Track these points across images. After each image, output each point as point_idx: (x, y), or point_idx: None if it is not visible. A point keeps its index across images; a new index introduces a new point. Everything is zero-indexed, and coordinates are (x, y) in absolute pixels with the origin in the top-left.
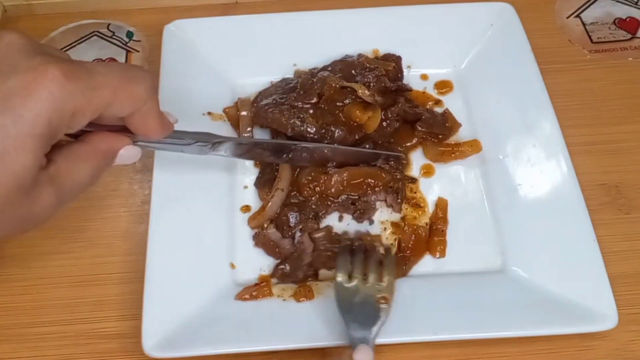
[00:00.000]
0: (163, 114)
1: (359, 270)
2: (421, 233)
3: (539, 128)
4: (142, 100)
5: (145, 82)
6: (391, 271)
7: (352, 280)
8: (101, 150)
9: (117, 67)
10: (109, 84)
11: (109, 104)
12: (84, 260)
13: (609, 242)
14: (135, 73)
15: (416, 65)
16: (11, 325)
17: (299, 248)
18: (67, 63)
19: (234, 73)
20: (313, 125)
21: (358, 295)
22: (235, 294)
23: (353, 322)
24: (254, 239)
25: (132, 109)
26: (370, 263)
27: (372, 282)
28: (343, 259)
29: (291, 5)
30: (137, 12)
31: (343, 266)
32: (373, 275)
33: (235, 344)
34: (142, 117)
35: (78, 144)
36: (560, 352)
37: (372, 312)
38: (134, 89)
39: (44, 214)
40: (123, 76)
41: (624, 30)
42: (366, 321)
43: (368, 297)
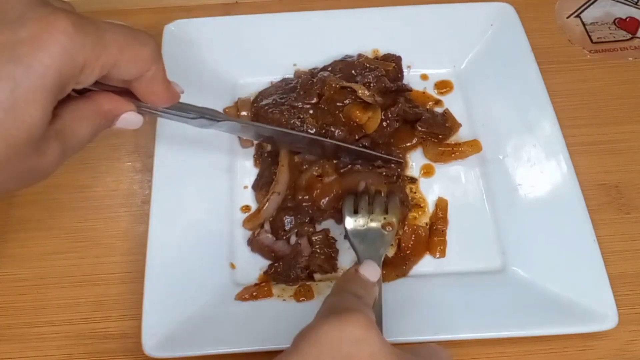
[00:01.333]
0: (169, 82)
1: (365, 207)
2: (421, 233)
3: (539, 128)
4: (148, 62)
5: (151, 45)
6: (395, 206)
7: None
8: (105, 110)
9: (124, 27)
10: (117, 42)
11: (115, 62)
12: (84, 260)
13: (609, 242)
14: (141, 35)
15: (416, 65)
16: (11, 325)
17: (295, 249)
18: (76, 15)
19: (234, 73)
20: (313, 125)
21: (365, 224)
22: (235, 294)
23: (361, 245)
24: (249, 244)
25: (138, 71)
26: (375, 200)
27: (377, 213)
28: (349, 200)
29: (291, 5)
30: (137, 12)
31: (349, 204)
32: (378, 208)
33: (235, 344)
34: (148, 81)
35: (83, 101)
36: (560, 352)
37: (378, 236)
38: (140, 50)
39: (49, 168)
40: (130, 36)
41: (624, 30)
42: (373, 244)
43: (374, 224)
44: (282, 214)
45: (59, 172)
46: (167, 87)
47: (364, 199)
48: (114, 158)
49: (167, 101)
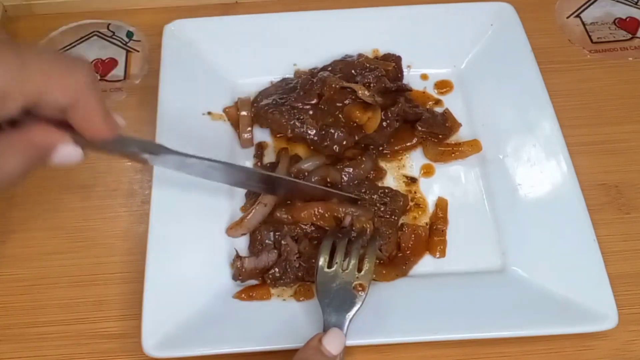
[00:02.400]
0: (108, 113)
1: (341, 256)
2: (421, 233)
3: (539, 128)
4: (79, 90)
5: (83, 71)
6: (371, 259)
7: (332, 265)
8: (35, 142)
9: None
10: (41, 69)
11: (41, 91)
12: (84, 260)
13: (609, 242)
14: (73, 61)
15: (416, 65)
16: (11, 325)
17: (285, 251)
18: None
19: (234, 73)
20: (313, 126)
21: (336, 282)
22: (251, 286)
23: (328, 307)
24: (236, 279)
25: (68, 99)
26: (352, 249)
27: (351, 269)
28: (326, 244)
29: (291, 5)
30: (137, 12)
31: (325, 251)
32: (353, 262)
33: (235, 344)
34: (82, 111)
35: (12, 133)
36: (560, 352)
37: (348, 299)
38: (69, 77)
39: None
40: (58, 62)
41: (624, 30)
42: (342, 307)
43: (346, 283)
44: (264, 228)
45: (59, 172)
46: (104, 118)
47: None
48: (114, 158)
49: (105, 133)
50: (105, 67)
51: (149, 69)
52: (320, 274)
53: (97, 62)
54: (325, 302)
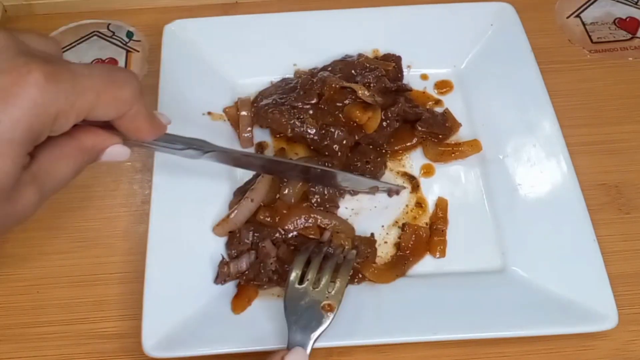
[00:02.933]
0: (154, 116)
1: (313, 273)
2: (422, 234)
3: (539, 128)
4: (128, 103)
5: (131, 85)
6: (344, 278)
7: (303, 282)
8: (87, 146)
9: (102, 69)
10: (93, 87)
11: (92, 108)
12: (84, 260)
13: (609, 242)
14: (121, 75)
15: (416, 65)
16: (11, 325)
17: (262, 252)
18: (50, 65)
19: (234, 73)
20: (313, 126)
21: (306, 299)
22: (234, 294)
23: (295, 324)
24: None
25: (118, 113)
26: (326, 266)
27: (322, 287)
28: (301, 258)
29: (291, 5)
30: (137, 12)
31: (299, 265)
32: (325, 280)
33: (235, 344)
34: (130, 120)
35: (63, 139)
36: (560, 352)
37: (315, 318)
38: (119, 92)
39: (26, 212)
40: (108, 79)
41: (624, 30)
42: (308, 326)
43: (315, 302)
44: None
45: None
46: (151, 122)
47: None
48: None
49: (152, 135)
50: None
51: (149, 69)
52: (291, 290)
53: (97, 62)
54: (292, 319)
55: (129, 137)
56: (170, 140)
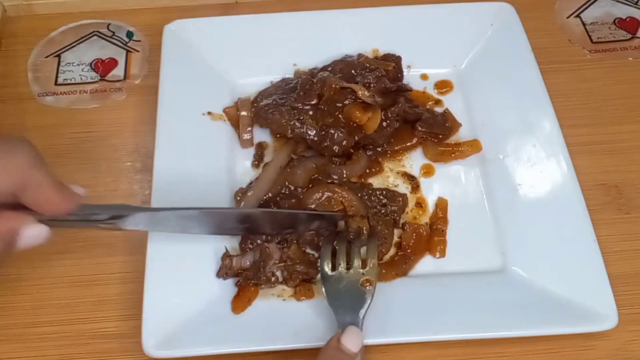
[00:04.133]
0: (63, 186)
1: (343, 258)
2: (422, 232)
3: (539, 128)
4: (24, 172)
5: (24, 152)
6: (373, 254)
7: (336, 268)
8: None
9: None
10: None
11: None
12: (84, 260)
13: (609, 242)
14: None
15: (416, 65)
16: (11, 325)
17: (264, 253)
18: None
19: (234, 73)
20: (313, 126)
21: (343, 282)
22: (234, 294)
23: (340, 308)
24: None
25: (13, 184)
26: (354, 250)
27: (356, 268)
28: (326, 249)
29: (291, 5)
30: (137, 12)
31: (327, 256)
32: (357, 261)
33: (235, 344)
34: (34, 191)
35: None
36: (560, 352)
37: (357, 296)
38: (11, 160)
39: None
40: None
41: (624, 30)
42: (353, 305)
43: (353, 282)
44: None
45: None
46: (59, 192)
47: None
48: (114, 158)
49: (63, 207)
50: (105, 67)
51: (149, 69)
52: (326, 279)
53: (97, 62)
54: (336, 304)
55: (39, 211)
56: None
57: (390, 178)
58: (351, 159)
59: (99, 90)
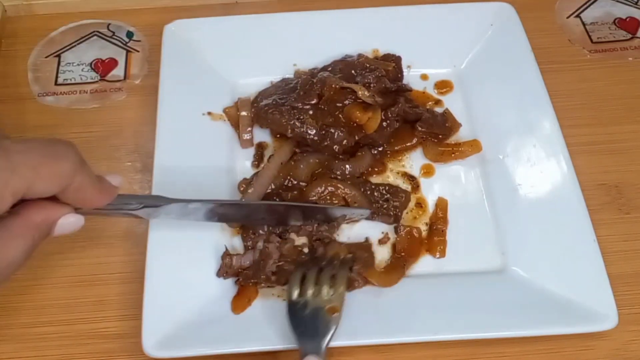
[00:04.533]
0: (101, 182)
1: (311, 284)
2: (415, 234)
3: (539, 128)
4: (69, 177)
5: (70, 158)
6: (342, 282)
7: (303, 295)
8: (36, 222)
9: (39, 143)
10: (28, 163)
11: (30, 185)
12: (84, 260)
13: (609, 242)
14: (59, 149)
15: (416, 65)
16: (11, 325)
17: (264, 253)
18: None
19: (234, 73)
20: (313, 126)
21: (309, 309)
22: (234, 294)
23: (303, 336)
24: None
25: (59, 188)
26: (323, 277)
27: (323, 295)
28: (296, 275)
29: (291, 5)
30: (137, 12)
31: (295, 282)
32: (324, 288)
33: (235, 344)
34: (74, 192)
35: (10, 219)
36: (560, 352)
37: (322, 324)
38: (57, 167)
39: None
40: (44, 153)
41: (624, 30)
42: (316, 333)
43: (318, 309)
44: None
45: None
46: (98, 190)
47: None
48: (114, 158)
49: (101, 202)
50: (105, 67)
51: (149, 69)
52: (292, 305)
53: (97, 62)
54: (299, 331)
55: (77, 207)
56: (124, 201)
57: (390, 178)
58: (355, 156)
59: (99, 90)
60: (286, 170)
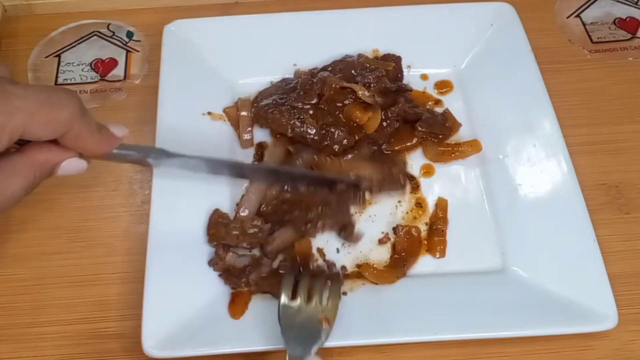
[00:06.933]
0: (103, 130)
1: (304, 290)
2: (414, 233)
3: (539, 128)
4: (66, 124)
5: (70, 107)
6: (335, 294)
7: (295, 299)
8: (39, 162)
9: (40, 89)
10: (26, 108)
11: (26, 128)
12: (84, 260)
13: (609, 242)
14: (59, 96)
15: (416, 65)
16: (11, 325)
17: (256, 263)
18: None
19: (234, 73)
20: (313, 126)
21: (301, 315)
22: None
23: (294, 340)
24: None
25: (55, 133)
26: (315, 285)
27: (316, 303)
28: (288, 280)
29: (291, 5)
30: (137, 12)
31: (287, 287)
32: (317, 297)
33: (235, 344)
34: (73, 139)
35: (15, 156)
36: (560, 352)
37: (313, 331)
38: (54, 114)
39: None
40: (43, 100)
41: (624, 30)
42: (306, 340)
43: (310, 317)
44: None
45: None
46: (99, 139)
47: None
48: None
49: (101, 151)
50: (105, 67)
51: (149, 69)
52: (284, 308)
53: (97, 62)
54: (290, 335)
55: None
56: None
57: None
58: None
59: (99, 90)
60: None
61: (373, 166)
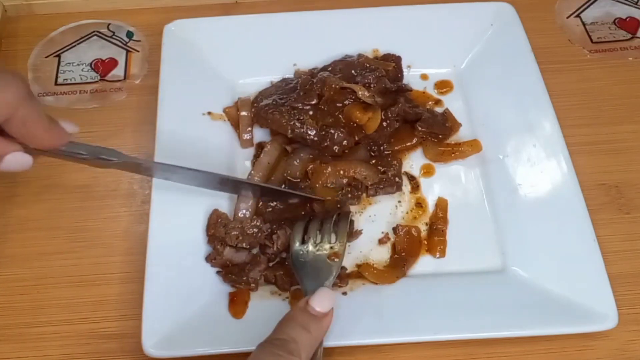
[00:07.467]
0: (52, 122)
1: (314, 234)
2: (414, 233)
3: (539, 128)
4: (10, 107)
5: (12, 89)
6: (343, 231)
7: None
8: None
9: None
10: None
11: None
12: (85, 260)
13: (609, 242)
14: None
15: (416, 65)
16: (11, 325)
17: (254, 260)
18: None
19: (234, 73)
20: (313, 126)
21: (311, 256)
22: (229, 301)
23: (306, 277)
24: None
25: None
26: (324, 228)
27: (325, 244)
28: (299, 226)
29: (291, 5)
30: (137, 12)
31: (298, 232)
32: (326, 238)
33: (235, 344)
34: (18, 125)
35: None
36: (560, 352)
37: (324, 268)
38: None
39: None
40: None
41: (624, 30)
42: (319, 275)
43: (321, 256)
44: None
45: (59, 172)
46: (46, 129)
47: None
48: None
49: (49, 142)
50: (105, 67)
51: (149, 69)
52: (295, 251)
53: (97, 62)
54: (302, 273)
55: (24, 142)
56: (77, 148)
57: None
58: None
59: (99, 90)
60: (280, 170)
61: (369, 168)
